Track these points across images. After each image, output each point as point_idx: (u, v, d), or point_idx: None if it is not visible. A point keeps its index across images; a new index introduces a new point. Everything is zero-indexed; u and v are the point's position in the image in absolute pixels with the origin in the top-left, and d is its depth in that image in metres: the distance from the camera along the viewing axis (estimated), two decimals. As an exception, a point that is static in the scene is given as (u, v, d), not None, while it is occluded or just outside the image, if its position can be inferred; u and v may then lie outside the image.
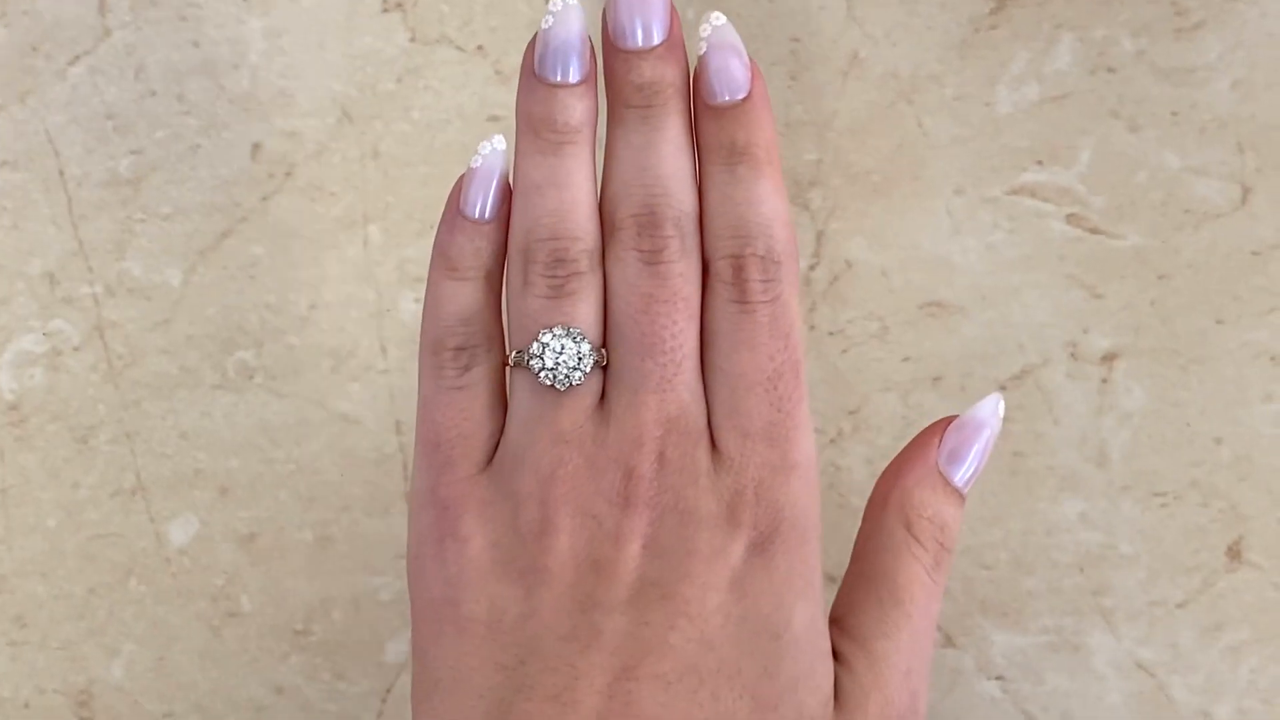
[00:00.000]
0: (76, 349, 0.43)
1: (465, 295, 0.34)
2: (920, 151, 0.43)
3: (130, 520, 0.43)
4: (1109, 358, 0.42)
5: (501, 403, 0.34)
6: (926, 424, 0.35)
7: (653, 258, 0.33)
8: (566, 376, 0.32)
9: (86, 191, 0.43)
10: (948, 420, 0.35)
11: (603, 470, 0.32)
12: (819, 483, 0.33)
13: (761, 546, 0.32)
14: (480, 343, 0.34)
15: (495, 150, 0.34)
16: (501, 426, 0.34)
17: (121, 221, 0.43)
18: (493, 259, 0.34)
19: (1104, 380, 0.42)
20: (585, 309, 0.33)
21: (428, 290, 0.34)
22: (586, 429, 0.33)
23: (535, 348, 0.33)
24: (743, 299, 0.33)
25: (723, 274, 0.33)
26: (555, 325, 0.33)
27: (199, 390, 0.43)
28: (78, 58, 0.44)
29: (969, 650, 0.42)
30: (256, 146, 0.44)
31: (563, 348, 0.32)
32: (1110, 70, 0.43)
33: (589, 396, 0.33)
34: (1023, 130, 0.43)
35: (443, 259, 0.34)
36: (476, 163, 0.34)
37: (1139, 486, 0.42)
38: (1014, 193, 0.43)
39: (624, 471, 0.32)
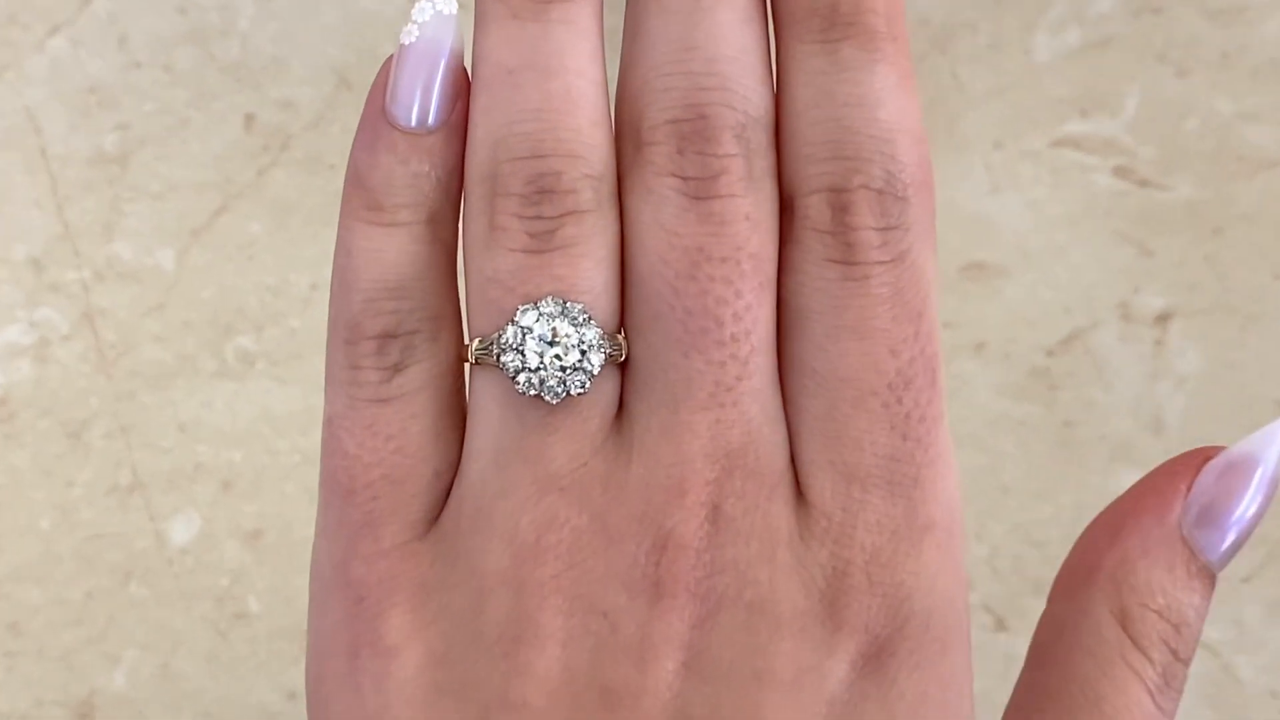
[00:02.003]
0: (65, 338, 0.42)
1: (396, 251, 0.23)
2: (955, 104, 0.42)
3: (128, 519, 0.42)
4: (1162, 318, 0.41)
5: (455, 422, 0.24)
6: (969, 395, 0.32)
7: (702, 189, 0.22)
8: (561, 382, 0.22)
9: (71, 171, 0.42)
10: (1202, 455, 0.23)
11: (620, 537, 0.22)
12: (964, 556, 0.23)
13: (878, 661, 0.22)
14: (420, 326, 0.23)
15: (442, 16, 0.23)
16: (455, 461, 0.23)
17: (109, 201, 0.42)
18: (439, 192, 0.23)
19: (1157, 342, 0.41)
20: (591, 270, 0.23)
21: (338, 244, 0.24)
22: (594, 468, 0.22)
23: (510, 334, 0.22)
24: (848, 258, 0.22)
25: (815, 218, 0.22)
26: (542, 297, 0.22)
27: (197, 379, 0.43)
28: (57, 28, 0.43)
29: (1022, 634, 0.41)
30: (250, 118, 0.43)
31: (555, 334, 0.22)
32: (1155, 11, 0.42)
33: (598, 414, 0.23)
34: (1064, 78, 0.42)
35: (360, 194, 0.23)
36: (410, 38, 0.23)
37: (1198, 454, 0.41)
38: (1056, 145, 0.42)
39: (654, 539, 0.22)
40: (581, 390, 0.22)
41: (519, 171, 0.22)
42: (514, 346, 0.22)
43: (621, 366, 0.23)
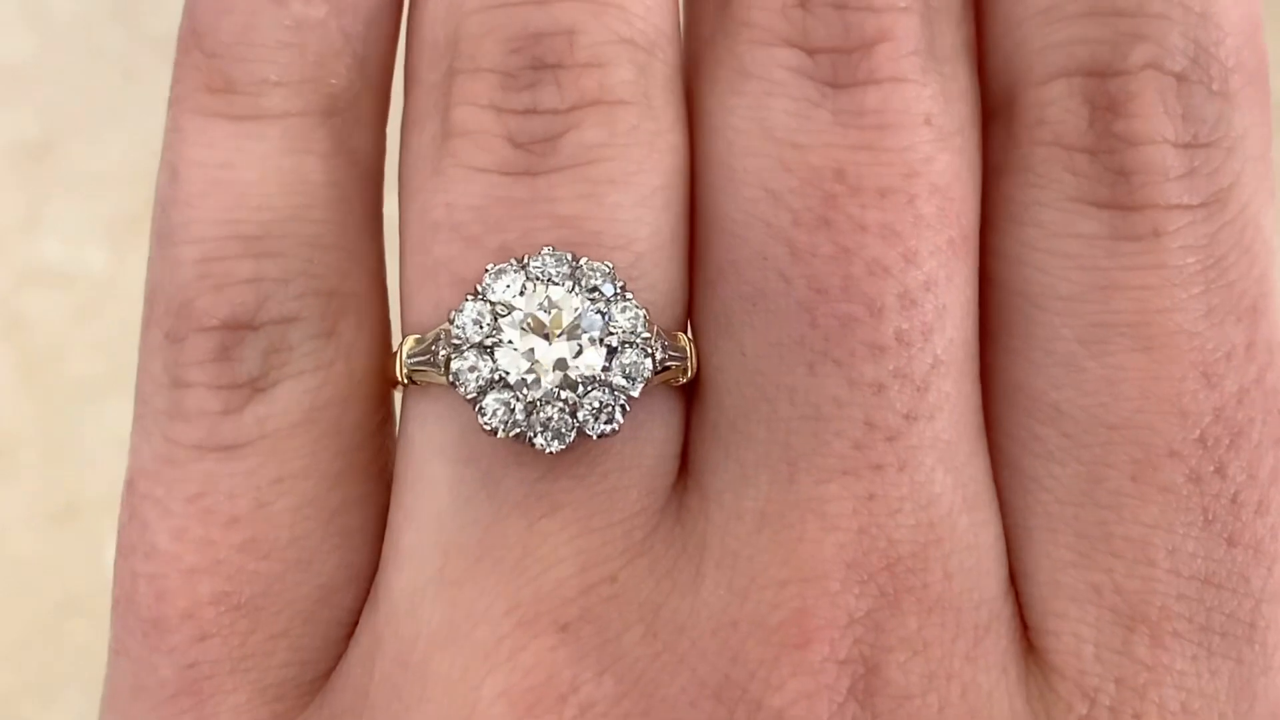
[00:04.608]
0: None
1: (259, 167, 0.14)
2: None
3: (66, 547, 0.40)
4: None
5: (367, 494, 0.15)
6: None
7: (845, 69, 0.13)
8: (568, 411, 0.13)
9: None
10: None
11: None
12: None
13: None
14: (300, 309, 0.14)
15: None
16: (365, 569, 0.14)
17: (31, 196, 0.40)
18: (346, 63, 0.15)
19: None
20: (630, 210, 0.14)
21: (162, 161, 0.16)
22: (631, 587, 0.13)
23: (469, 317, 0.13)
24: (1124, 198, 0.13)
25: (1059, 123, 0.14)
26: (534, 255, 0.13)
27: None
28: (-33, 6, 0.41)
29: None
30: (185, 98, 0.41)
31: (554, 318, 0.13)
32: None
33: (638, 480, 0.14)
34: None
35: (198, 65, 0.15)
36: None
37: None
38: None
39: None
40: (609, 429, 0.13)
41: (498, 28, 0.13)
42: (475, 342, 0.13)
43: (686, 392, 0.14)
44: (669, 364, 0.13)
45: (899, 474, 0.13)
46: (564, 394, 0.13)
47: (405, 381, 0.14)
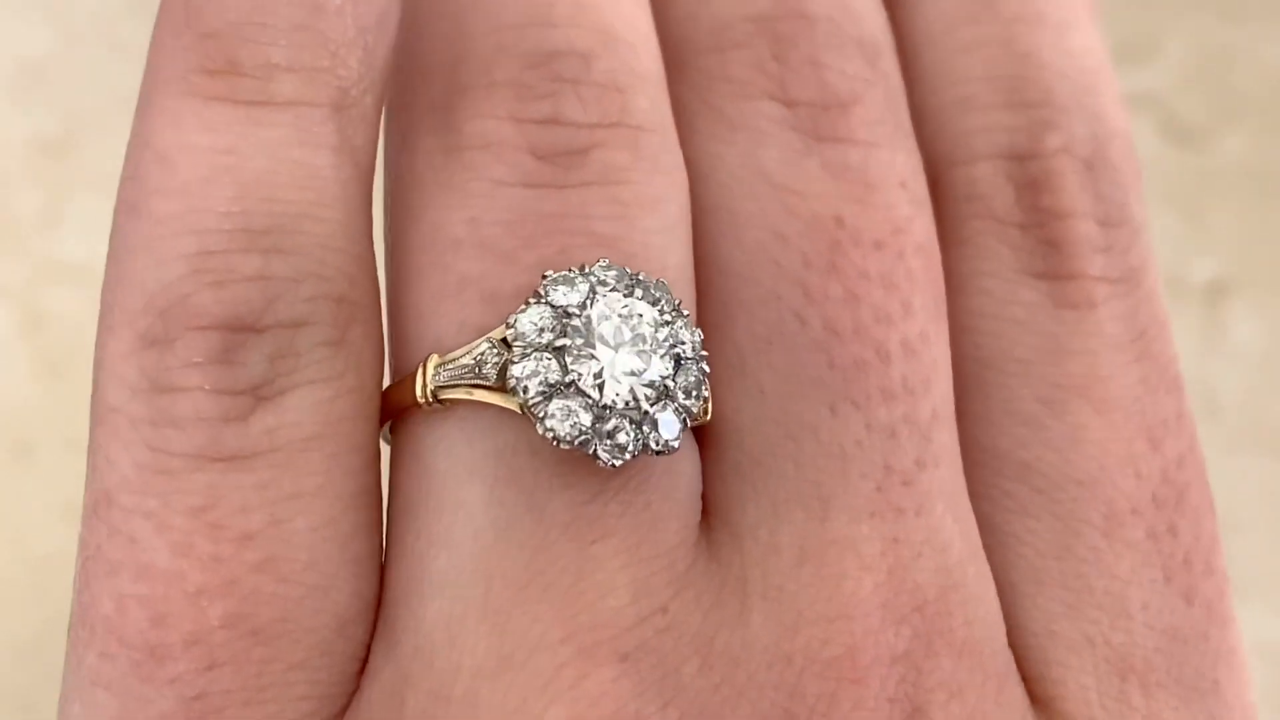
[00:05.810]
0: (8, 344, 0.40)
1: (269, 157, 0.13)
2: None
3: None
4: (1214, 290, 0.39)
5: (372, 522, 0.14)
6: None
7: (826, 123, 0.13)
8: (632, 426, 0.12)
9: (9, 159, 0.40)
10: None
11: None
12: None
13: None
14: (313, 313, 0.13)
15: None
16: (374, 594, 0.13)
17: (51, 193, 0.40)
18: (359, 56, 0.13)
19: (1209, 317, 0.39)
20: (659, 233, 0.13)
21: (134, 142, 0.15)
22: (681, 619, 0.13)
23: (530, 321, 0.12)
24: (1059, 267, 0.14)
25: (990, 199, 0.14)
26: (590, 265, 0.13)
27: (155, 385, 0.40)
28: (-12, 2, 0.41)
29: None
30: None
31: (636, 323, 0.12)
32: (1200, -49, 0.40)
33: (677, 510, 0.13)
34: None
35: (194, 46, 0.13)
36: None
37: (1257, 439, 0.39)
38: (1094, 102, 0.39)
39: None
40: (671, 443, 0.12)
41: (511, 47, 0.13)
42: (541, 344, 0.12)
43: (696, 434, 0.13)
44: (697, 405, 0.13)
45: (916, 519, 0.13)
46: (634, 403, 0.12)
47: (428, 401, 0.13)
